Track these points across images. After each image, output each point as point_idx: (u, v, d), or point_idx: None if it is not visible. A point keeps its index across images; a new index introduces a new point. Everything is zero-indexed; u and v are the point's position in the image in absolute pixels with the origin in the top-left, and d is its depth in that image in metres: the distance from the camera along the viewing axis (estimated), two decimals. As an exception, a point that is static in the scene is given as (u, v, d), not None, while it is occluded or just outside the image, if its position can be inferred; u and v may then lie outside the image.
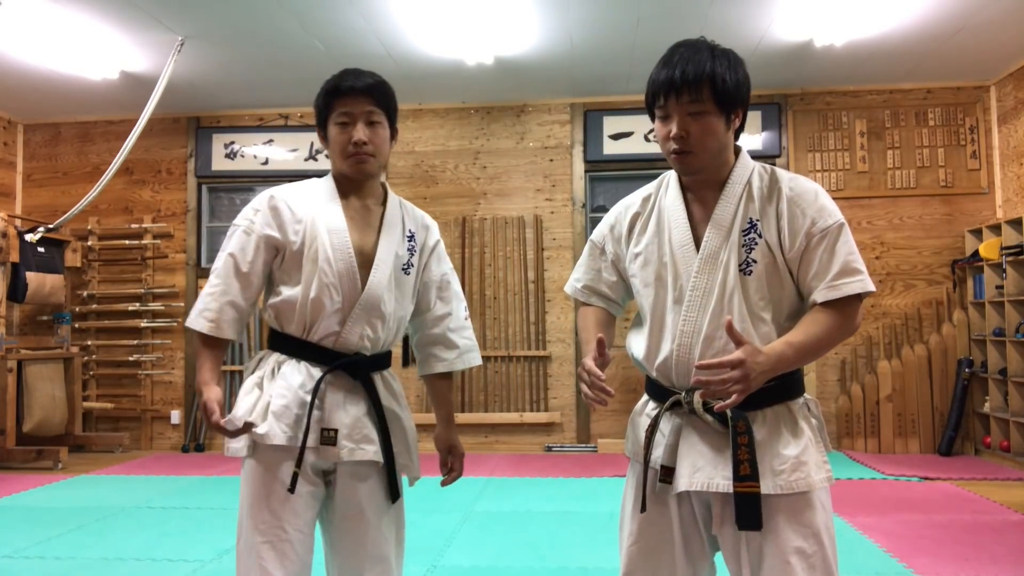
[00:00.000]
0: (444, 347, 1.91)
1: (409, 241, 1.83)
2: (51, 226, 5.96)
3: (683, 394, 1.53)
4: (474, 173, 6.43)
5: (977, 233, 5.77)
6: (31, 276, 5.90)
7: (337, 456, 1.70)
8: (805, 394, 1.57)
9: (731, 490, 1.45)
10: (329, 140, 1.78)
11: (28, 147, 6.83)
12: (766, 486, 1.46)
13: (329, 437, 1.70)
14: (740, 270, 1.51)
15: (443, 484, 1.92)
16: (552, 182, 6.35)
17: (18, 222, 6.05)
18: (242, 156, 6.58)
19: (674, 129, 1.50)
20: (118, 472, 5.51)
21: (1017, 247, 5.26)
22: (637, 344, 1.63)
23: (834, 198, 1.59)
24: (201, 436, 6.38)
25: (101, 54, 5.23)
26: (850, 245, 1.49)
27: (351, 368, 1.75)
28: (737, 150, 1.59)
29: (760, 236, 1.51)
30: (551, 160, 6.37)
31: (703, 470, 1.49)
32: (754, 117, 6.15)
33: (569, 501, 4.46)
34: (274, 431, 1.68)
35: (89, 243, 6.61)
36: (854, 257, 1.48)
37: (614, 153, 6.28)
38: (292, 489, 1.66)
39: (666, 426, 1.57)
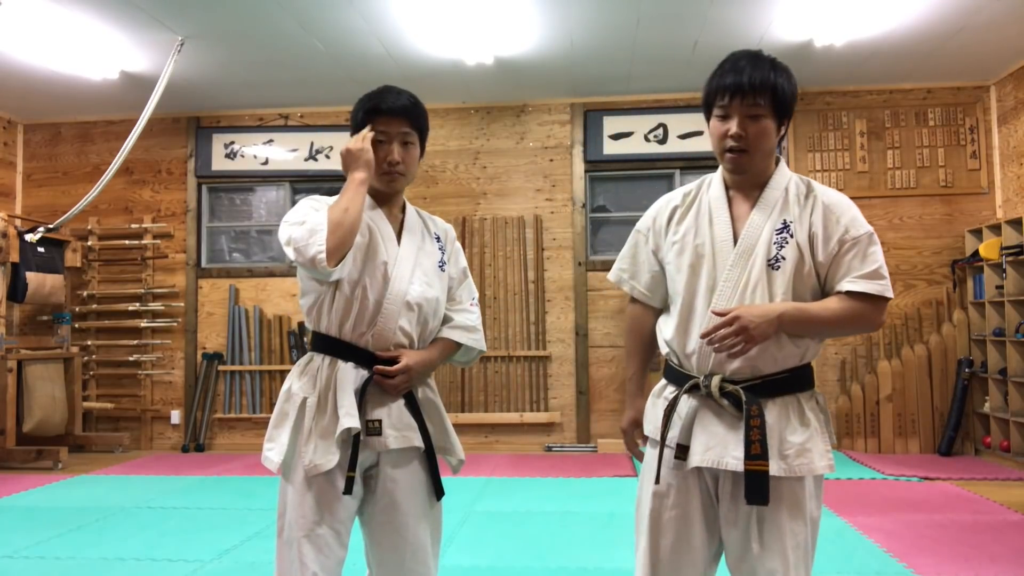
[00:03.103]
0: (464, 330, 2.00)
1: (438, 242, 1.96)
2: (51, 226, 5.96)
3: (702, 378, 1.66)
4: (474, 173, 6.43)
5: (977, 233, 5.77)
6: (31, 276, 5.90)
7: (384, 445, 1.77)
8: (815, 389, 1.70)
9: (740, 468, 1.59)
10: None
11: (28, 147, 6.83)
12: (773, 468, 1.59)
13: (374, 428, 1.77)
14: (769, 265, 1.64)
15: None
16: (552, 182, 6.35)
17: (18, 222, 6.05)
18: (242, 156, 6.58)
19: (734, 128, 1.63)
20: (118, 472, 5.51)
21: (1017, 247, 5.26)
22: (666, 327, 1.77)
23: None
24: (201, 436, 6.38)
25: (101, 54, 5.23)
26: (879, 254, 1.63)
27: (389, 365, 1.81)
28: (777, 159, 1.73)
29: (792, 236, 1.64)
30: (551, 160, 6.37)
31: (714, 449, 1.63)
32: (754, 117, 6.13)
33: (569, 501, 4.46)
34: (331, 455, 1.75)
35: (89, 243, 6.61)
36: (881, 266, 1.62)
37: (614, 153, 6.27)
38: (349, 491, 1.73)
39: (683, 408, 1.70)
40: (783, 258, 1.63)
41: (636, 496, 1.81)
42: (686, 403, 1.70)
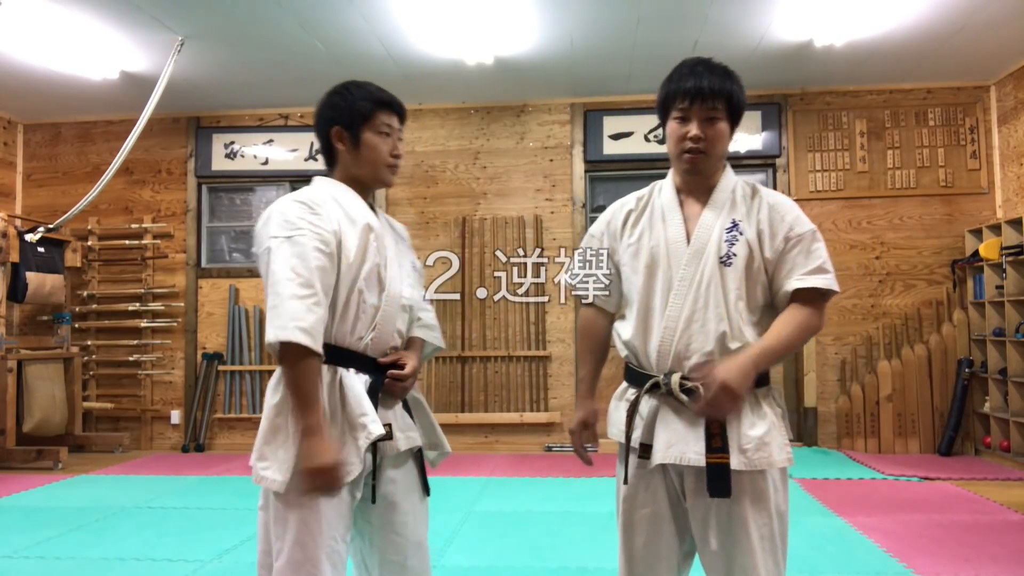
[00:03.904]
0: (429, 328, 1.99)
1: (404, 242, 1.94)
2: (51, 226, 5.96)
3: (661, 376, 1.71)
4: (474, 173, 6.43)
5: (977, 233, 5.77)
6: (31, 276, 5.90)
7: (395, 448, 1.75)
8: (771, 384, 1.75)
9: (702, 463, 1.64)
10: (363, 145, 1.78)
11: (28, 147, 6.83)
12: (733, 462, 1.64)
13: (387, 432, 1.74)
14: (721, 262, 1.70)
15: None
16: (552, 182, 6.35)
17: (18, 222, 6.05)
18: (242, 156, 6.58)
19: (694, 130, 1.71)
20: (118, 472, 5.51)
21: (1017, 247, 5.26)
22: (625, 329, 1.81)
23: (834, 198, 1.74)
24: (201, 436, 6.38)
25: (101, 54, 5.23)
26: (822, 251, 1.72)
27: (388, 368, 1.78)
28: (724, 164, 1.81)
29: (741, 234, 1.71)
30: (551, 160, 6.37)
31: (676, 446, 1.67)
32: (754, 117, 6.14)
33: (569, 501, 4.46)
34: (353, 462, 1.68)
35: (89, 243, 6.61)
36: (825, 261, 1.71)
37: (614, 153, 6.28)
38: (374, 500, 1.70)
39: (644, 408, 1.75)
40: (734, 255, 1.70)
41: (615, 499, 1.87)
42: (647, 403, 1.74)
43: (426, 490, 1.86)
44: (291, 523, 1.63)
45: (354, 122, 1.78)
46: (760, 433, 1.66)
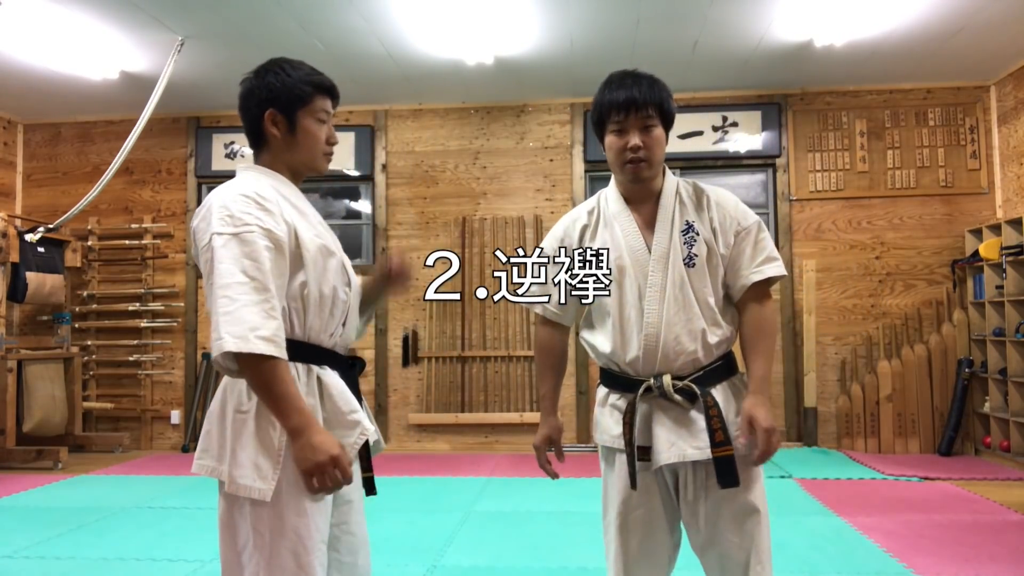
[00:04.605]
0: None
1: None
2: (51, 226, 5.96)
3: (652, 380, 1.76)
4: (474, 173, 6.43)
5: (977, 233, 5.77)
6: (31, 276, 5.90)
7: (364, 443, 1.70)
8: (739, 371, 1.86)
9: (700, 457, 1.71)
10: (300, 131, 1.67)
11: (28, 147, 6.83)
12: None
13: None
14: (685, 264, 1.77)
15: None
16: (552, 182, 6.35)
17: (18, 222, 6.05)
18: (242, 156, 6.58)
19: (634, 140, 1.77)
20: (118, 472, 5.51)
21: (1017, 247, 5.26)
22: (602, 342, 1.85)
23: (834, 198, 1.78)
24: (201, 436, 6.38)
25: (101, 54, 5.23)
26: (768, 239, 1.83)
27: (358, 365, 1.76)
28: (663, 168, 1.87)
29: (698, 234, 1.79)
30: (551, 160, 6.37)
31: (676, 444, 1.73)
32: (754, 117, 6.14)
33: (569, 501, 4.46)
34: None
35: (89, 243, 6.61)
36: (772, 248, 1.82)
37: (614, 153, 6.27)
38: (373, 491, 1.69)
39: (636, 412, 1.78)
40: (696, 255, 1.78)
41: (602, 502, 1.91)
42: (638, 407, 1.78)
43: (368, 488, 1.76)
44: (279, 532, 1.54)
45: (292, 105, 1.66)
46: None
